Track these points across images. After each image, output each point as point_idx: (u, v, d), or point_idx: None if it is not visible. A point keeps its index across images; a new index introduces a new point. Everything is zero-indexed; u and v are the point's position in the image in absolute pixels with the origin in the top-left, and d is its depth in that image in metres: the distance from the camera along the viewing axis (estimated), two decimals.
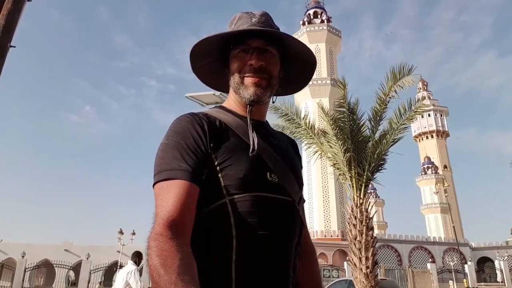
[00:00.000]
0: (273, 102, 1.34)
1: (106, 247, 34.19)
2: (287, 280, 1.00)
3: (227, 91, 1.22)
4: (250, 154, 1.00)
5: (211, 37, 1.08)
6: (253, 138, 1.03)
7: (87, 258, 29.03)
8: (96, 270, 28.40)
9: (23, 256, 26.55)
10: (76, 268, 30.73)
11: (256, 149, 1.01)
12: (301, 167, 1.24)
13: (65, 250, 33.97)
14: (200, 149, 0.98)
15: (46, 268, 32.28)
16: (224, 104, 1.19)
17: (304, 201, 1.18)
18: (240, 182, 0.97)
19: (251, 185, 0.98)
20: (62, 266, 28.71)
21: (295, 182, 1.10)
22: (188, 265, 0.82)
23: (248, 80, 1.07)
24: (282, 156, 1.10)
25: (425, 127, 70.73)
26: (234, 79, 1.10)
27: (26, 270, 26.09)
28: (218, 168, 0.98)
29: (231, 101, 1.16)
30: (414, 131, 71.65)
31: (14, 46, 4.14)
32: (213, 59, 1.17)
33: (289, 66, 1.18)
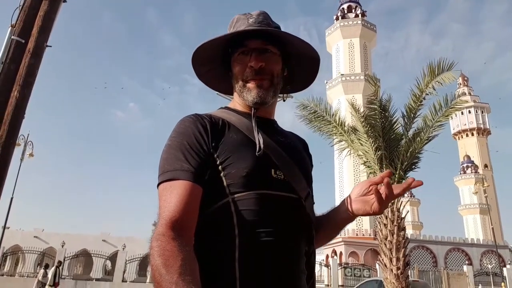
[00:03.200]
0: (284, 101, 1.33)
1: (141, 239, 35.24)
2: (297, 278, 0.98)
3: (232, 94, 1.22)
4: (256, 154, 0.99)
5: (206, 43, 1.08)
6: (258, 139, 1.02)
7: (123, 248, 29.94)
8: (131, 261, 29.25)
9: (62, 246, 27.74)
10: (113, 258, 31.80)
11: (262, 148, 1.00)
12: (312, 166, 1.22)
13: (102, 240, 35.26)
14: (202, 149, 0.98)
15: (84, 257, 33.63)
16: (229, 105, 1.19)
17: (312, 197, 1.15)
18: (243, 180, 0.96)
19: (255, 183, 0.97)
20: (99, 256, 29.73)
21: (303, 178, 1.08)
22: (189, 265, 0.82)
23: (250, 84, 1.07)
24: (289, 152, 1.09)
25: (465, 125, 67.81)
26: (238, 84, 1.10)
27: (66, 259, 27.26)
28: (220, 167, 0.98)
29: (236, 103, 1.16)
30: (453, 129, 68.93)
31: (50, 46, 4.32)
32: (216, 65, 1.17)
33: (293, 64, 1.16)
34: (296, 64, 1.17)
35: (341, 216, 1.15)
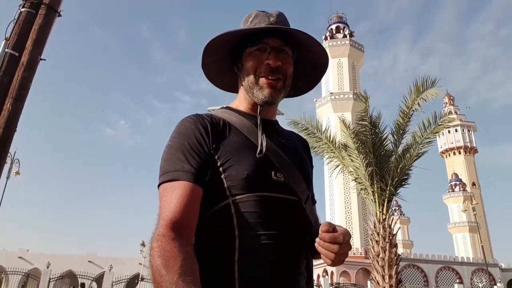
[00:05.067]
0: None
1: (128, 259, 34.53)
2: (296, 280, 0.97)
3: (231, 91, 1.22)
4: (257, 156, 0.99)
5: (232, 32, 1.06)
6: (261, 140, 1.02)
7: (110, 269, 29.33)
8: (118, 282, 28.63)
9: (48, 267, 27.04)
10: (99, 279, 31.07)
11: (264, 150, 1.00)
12: (312, 167, 1.22)
13: (89, 261, 34.46)
14: (203, 149, 0.98)
15: (70, 278, 32.76)
16: (231, 105, 1.18)
17: (313, 198, 1.15)
18: (243, 182, 0.96)
19: (255, 185, 0.97)
20: (85, 277, 29.02)
21: (302, 180, 1.07)
22: (189, 265, 0.82)
23: (263, 81, 1.06)
24: (290, 154, 1.08)
25: (452, 143, 68.75)
26: (249, 79, 1.08)
27: (51, 280, 26.51)
28: (220, 169, 0.98)
29: (239, 101, 1.15)
30: (441, 147, 69.79)
31: (44, 59, 4.32)
32: (222, 57, 1.15)
33: (299, 68, 1.16)
34: (302, 70, 1.18)
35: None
